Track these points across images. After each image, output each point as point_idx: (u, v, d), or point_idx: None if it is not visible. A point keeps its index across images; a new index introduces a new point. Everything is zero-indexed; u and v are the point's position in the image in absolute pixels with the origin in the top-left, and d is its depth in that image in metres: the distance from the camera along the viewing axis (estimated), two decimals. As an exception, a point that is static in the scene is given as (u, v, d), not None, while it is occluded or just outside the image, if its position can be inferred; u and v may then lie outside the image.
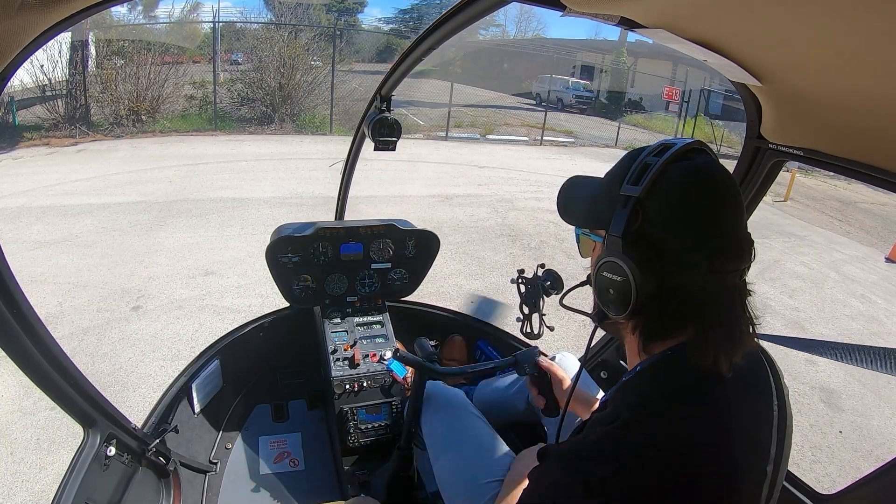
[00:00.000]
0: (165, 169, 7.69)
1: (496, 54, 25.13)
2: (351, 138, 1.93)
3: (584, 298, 0.83)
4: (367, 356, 1.80)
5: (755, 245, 0.68)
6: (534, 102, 20.63)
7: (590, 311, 0.77)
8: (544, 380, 1.24)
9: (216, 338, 1.93)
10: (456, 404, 1.39)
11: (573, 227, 0.82)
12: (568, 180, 0.83)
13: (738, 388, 0.67)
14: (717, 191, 0.65)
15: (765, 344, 0.79)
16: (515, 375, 1.56)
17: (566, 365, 1.44)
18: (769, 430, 0.70)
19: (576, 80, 22.28)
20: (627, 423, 0.63)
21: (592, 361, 1.81)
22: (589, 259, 0.80)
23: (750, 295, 0.69)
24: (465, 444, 1.29)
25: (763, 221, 8.10)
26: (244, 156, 8.98)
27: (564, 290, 0.85)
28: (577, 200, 0.81)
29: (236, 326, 1.97)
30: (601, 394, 1.32)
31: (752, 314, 0.68)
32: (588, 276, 0.78)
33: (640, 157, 0.68)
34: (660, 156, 0.66)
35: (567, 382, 1.22)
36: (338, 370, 1.75)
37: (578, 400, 1.19)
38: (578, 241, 0.81)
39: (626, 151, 0.76)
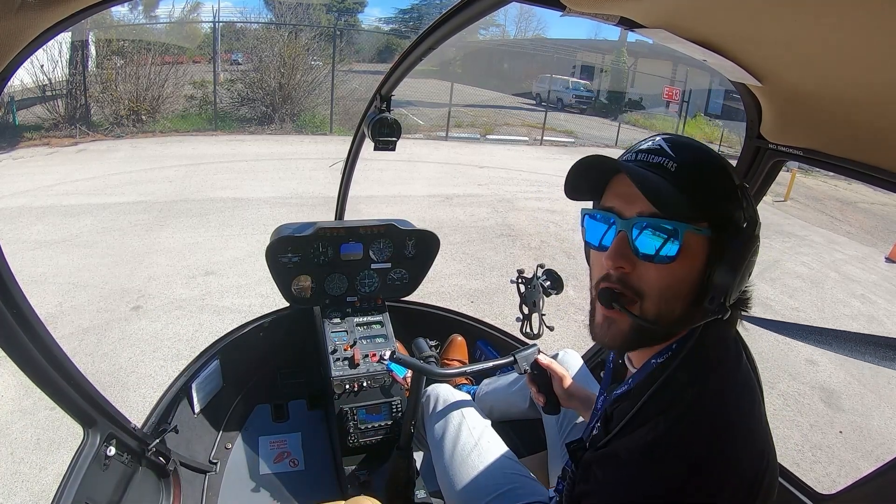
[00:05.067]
0: (165, 169, 7.69)
1: (496, 54, 25.14)
2: (351, 138, 1.93)
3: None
4: (366, 356, 1.80)
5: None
6: (534, 102, 20.50)
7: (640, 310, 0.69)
8: (544, 378, 1.24)
9: (216, 338, 1.93)
10: (462, 407, 1.40)
11: (638, 222, 0.67)
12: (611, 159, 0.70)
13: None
14: None
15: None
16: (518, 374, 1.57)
17: (569, 362, 1.44)
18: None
19: (576, 79, 22.16)
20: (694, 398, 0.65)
21: (593, 361, 1.81)
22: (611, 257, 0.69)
23: None
24: (467, 448, 1.29)
25: (763, 221, 8.03)
26: (244, 156, 8.98)
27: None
28: (663, 190, 0.66)
29: (236, 326, 1.97)
30: None
31: None
32: (735, 268, 0.65)
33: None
34: None
35: (567, 380, 1.22)
36: (338, 370, 1.75)
37: (579, 398, 1.18)
38: (679, 240, 0.65)
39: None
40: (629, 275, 0.69)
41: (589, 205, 0.78)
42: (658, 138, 0.71)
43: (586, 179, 0.73)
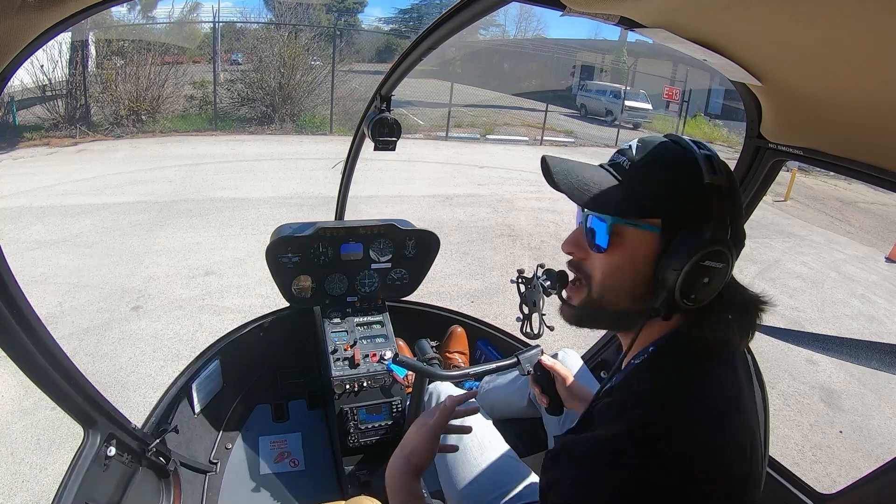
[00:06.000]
0: (165, 169, 7.69)
1: (496, 54, 25.14)
2: (351, 138, 1.93)
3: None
4: (367, 356, 1.80)
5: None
6: (579, 114, 18.78)
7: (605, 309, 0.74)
8: (547, 378, 1.24)
9: (216, 338, 1.93)
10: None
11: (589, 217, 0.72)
12: (559, 161, 0.74)
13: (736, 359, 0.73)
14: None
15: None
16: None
17: (568, 362, 1.44)
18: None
19: (629, 87, 18.36)
20: (658, 402, 0.64)
21: (593, 360, 1.81)
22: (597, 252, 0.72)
23: None
24: (469, 447, 1.29)
25: (763, 221, 8.09)
26: (244, 156, 8.98)
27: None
28: (604, 186, 0.70)
29: (236, 326, 1.97)
30: None
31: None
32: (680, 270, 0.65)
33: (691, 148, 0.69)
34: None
35: (570, 380, 1.22)
36: (338, 370, 1.75)
37: (581, 398, 1.18)
38: (608, 232, 0.69)
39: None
40: (583, 260, 0.76)
41: None
42: (636, 139, 0.73)
43: (550, 179, 0.76)
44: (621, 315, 0.73)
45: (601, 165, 0.76)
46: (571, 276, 0.79)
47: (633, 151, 0.71)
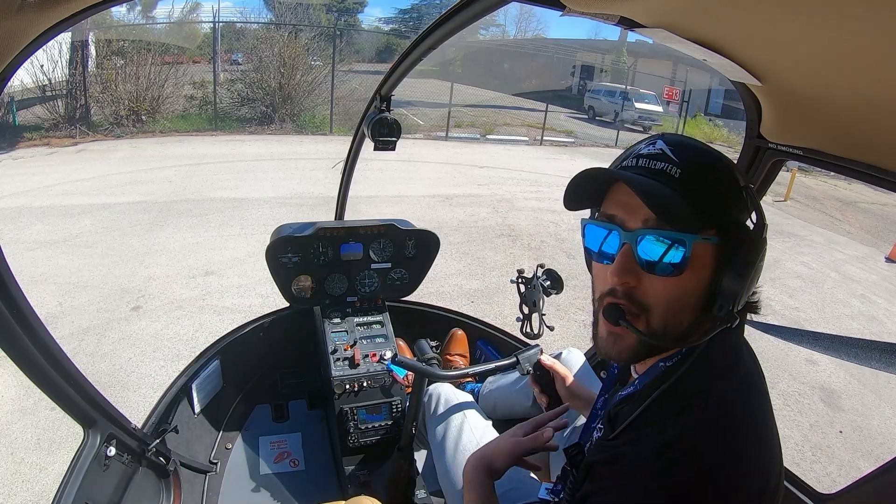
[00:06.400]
0: (165, 169, 7.69)
1: (496, 54, 25.14)
2: (351, 138, 1.93)
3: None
4: (367, 356, 1.80)
5: None
6: (586, 117, 18.26)
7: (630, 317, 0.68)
8: (547, 378, 1.24)
9: (216, 338, 1.93)
10: (463, 408, 1.40)
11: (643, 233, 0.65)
12: (631, 176, 0.66)
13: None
14: None
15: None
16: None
17: (572, 361, 1.44)
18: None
19: (642, 90, 17.82)
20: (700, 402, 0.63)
21: (595, 359, 1.81)
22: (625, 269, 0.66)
23: None
24: (469, 448, 1.29)
25: (763, 221, 8.07)
26: (244, 156, 8.98)
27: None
28: (672, 201, 0.63)
29: (236, 326, 1.97)
30: None
31: None
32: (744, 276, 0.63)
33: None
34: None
35: (570, 379, 1.22)
36: (338, 370, 1.75)
37: (582, 397, 1.18)
38: (688, 253, 0.63)
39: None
40: (634, 289, 0.66)
41: (587, 213, 0.76)
42: (658, 141, 0.68)
43: (586, 191, 0.72)
44: (684, 335, 0.67)
45: (641, 171, 0.68)
46: (618, 309, 0.67)
47: (673, 156, 0.66)
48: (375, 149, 1.60)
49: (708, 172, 0.66)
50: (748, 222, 0.67)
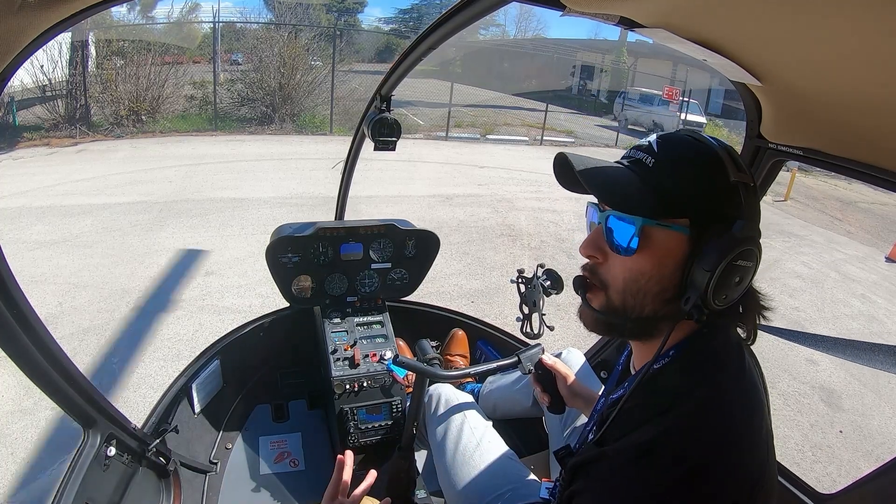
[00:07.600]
0: (165, 169, 7.69)
1: (496, 54, 25.13)
2: (351, 138, 1.93)
3: (575, 301, 0.78)
4: (367, 356, 1.80)
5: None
6: (615, 127, 15.72)
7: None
8: (548, 377, 1.24)
9: (216, 338, 1.93)
10: (463, 408, 1.40)
11: (612, 218, 0.69)
12: (581, 158, 0.70)
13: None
14: None
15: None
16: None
17: (572, 361, 1.44)
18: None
19: (683, 97, 15.08)
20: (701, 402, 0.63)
21: (595, 359, 1.81)
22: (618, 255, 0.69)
23: None
24: (469, 448, 1.29)
25: (763, 221, 8.03)
26: (244, 156, 8.97)
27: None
28: (630, 185, 0.67)
29: (236, 326, 1.97)
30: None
31: None
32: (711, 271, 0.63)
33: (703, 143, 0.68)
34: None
35: (571, 379, 1.22)
36: (338, 370, 1.75)
37: (583, 397, 1.19)
38: (637, 235, 0.66)
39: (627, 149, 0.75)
40: (600, 265, 0.72)
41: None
42: (654, 136, 0.71)
43: (564, 177, 0.75)
44: (645, 321, 0.69)
45: (619, 163, 0.72)
46: (580, 280, 0.75)
47: (655, 148, 0.68)
48: (375, 149, 1.60)
49: (684, 164, 0.67)
50: (730, 218, 0.65)
